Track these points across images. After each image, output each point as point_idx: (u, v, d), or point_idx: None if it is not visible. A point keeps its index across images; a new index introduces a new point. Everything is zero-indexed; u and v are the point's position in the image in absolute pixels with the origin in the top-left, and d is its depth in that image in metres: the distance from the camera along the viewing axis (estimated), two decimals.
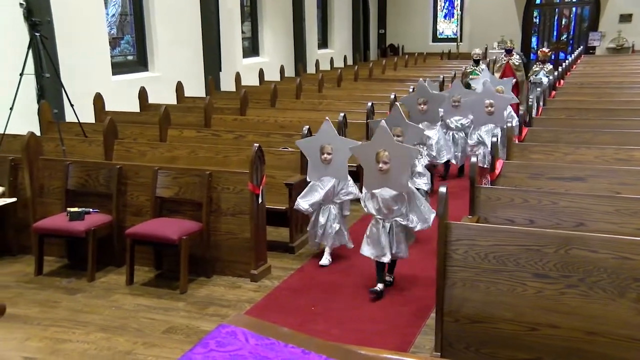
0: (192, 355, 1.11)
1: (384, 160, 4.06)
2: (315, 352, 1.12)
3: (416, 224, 4.25)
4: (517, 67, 10.87)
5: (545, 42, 19.93)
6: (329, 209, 4.88)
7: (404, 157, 4.11)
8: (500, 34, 19.54)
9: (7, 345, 3.75)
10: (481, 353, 3.17)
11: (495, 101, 6.77)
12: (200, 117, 7.45)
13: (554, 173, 4.41)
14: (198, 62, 11.04)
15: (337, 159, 4.77)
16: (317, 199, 4.81)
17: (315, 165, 4.86)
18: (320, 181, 4.84)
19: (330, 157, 4.77)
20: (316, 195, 4.82)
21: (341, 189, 4.88)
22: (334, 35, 18.58)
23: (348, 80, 11.78)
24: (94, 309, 4.27)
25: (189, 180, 4.79)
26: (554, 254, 3.00)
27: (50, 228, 4.78)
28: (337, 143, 4.78)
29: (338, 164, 4.80)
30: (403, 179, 4.10)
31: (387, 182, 4.14)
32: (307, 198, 4.85)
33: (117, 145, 5.90)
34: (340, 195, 4.89)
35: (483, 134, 6.86)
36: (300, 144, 4.97)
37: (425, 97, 6.53)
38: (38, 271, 4.87)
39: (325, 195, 4.81)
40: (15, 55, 6.34)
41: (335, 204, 4.90)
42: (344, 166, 4.82)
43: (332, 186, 4.82)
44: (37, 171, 5.24)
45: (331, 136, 4.81)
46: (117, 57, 9.69)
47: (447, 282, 3.22)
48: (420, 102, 6.50)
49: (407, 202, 4.21)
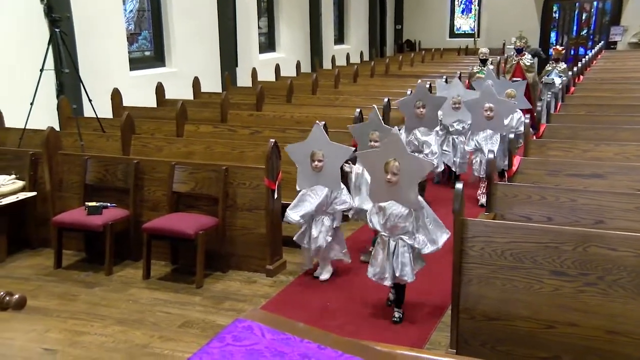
0: (209, 349, 1.11)
1: (393, 171, 3.64)
2: (331, 348, 1.12)
3: (423, 246, 3.77)
4: (529, 68, 10.11)
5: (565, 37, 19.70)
6: (322, 221, 4.46)
7: (415, 171, 3.67)
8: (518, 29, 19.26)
9: (28, 337, 3.81)
10: (497, 350, 3.16)
11: (496, 106, 6.07)
12: (217, 113, 7.48)
13: (573, 170, 4.36)
14: (215, 57, 11.07)
15: (329, 166, 4.34)
16: (308, 209, 4.39)
17: (306, 173, 4.44)
18: (312, 190, 4.43)
19: (321, 165, 4.33)
20: (307, 205, 4.40)
21: (335, 199, 4.45)
22: (351, 31, 18.53)
23: (364, 76, 11.75)
24: (112, 302, 4.31)
25: (206, 175, 4.82)
26: (572, 251, 2.97)
27: (69, 222, 4.84)
28: (329, 149, 4.35)
29: (330, 172, 4.36)
30: (411, 194, 3.66)
31: (395, 195, 3.72)
32: (297, 209, 4.43)
33: (135, 140, 5.94)
34: (333, 205, 4.46)
35: (481, 140, 6.22)
36: (289, 150, 4.53)
37: (424, 100, 5.95)
38: (57, 264, 4.93)
39: (318, 205, 4.40)
40: (36, 52, 6.41)
41: (328, 215, 4.48)
42: (336, 174, 4.40)
43: (324, 196, 4.40)
44: (57, 166, 5.31)
45: (322, 142, 4.37)
46: (135, 53, 9.76)
47: (463, 279, 3.20)
48: (419, 106, 5.92)
49: (415, 219, 3.77)
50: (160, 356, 3.57)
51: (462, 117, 6.65)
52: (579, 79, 10.31)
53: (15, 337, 3.78)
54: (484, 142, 6.15)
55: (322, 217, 4.46)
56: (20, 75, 6.65)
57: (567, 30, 20.10)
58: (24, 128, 5.86)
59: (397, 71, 13.02)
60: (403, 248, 3.77)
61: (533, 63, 10.28)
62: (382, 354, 1.14)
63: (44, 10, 7.06)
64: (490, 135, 6.16)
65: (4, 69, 6.87)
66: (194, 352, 1.13)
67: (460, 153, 6.79)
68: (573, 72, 9.91)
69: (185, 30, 10.24)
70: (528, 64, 10.14)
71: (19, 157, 5.33)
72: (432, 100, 6.04)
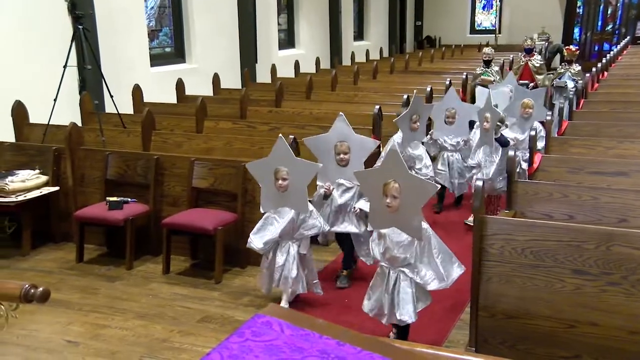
0: (229, 344, 1.12)
1: (392, 194, 3.17)
2: (350, 344, 1.12)
3: (429, 280, 3.31)
4: (538, 70, 9.39)
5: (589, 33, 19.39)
6: (288, 247, 3.93)
7: (417, 194, 3.17)
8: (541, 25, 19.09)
9: (52, 329, 3.87)
10: (517, 349, 3.13)
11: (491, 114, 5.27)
12: (236, 109, 7.50)
13: (596, 167, 4.30)
14: (234, 54, 11.12)
15: (295, 185, 3.81)
16: (273, 235, 3.89)
17: (270, 194, 3.92)
18: (277, 213, 3.93)
19: (285, 184, 3.80)
20: (272, 230, 3.90)
21: (302, 222, 3.91)
22: (370, 28, 18.46)
23: (384, 72, 11.70)
24: (132, 296, 4.36)
25: (225, 171, 4.84)
26: (595, 250, 2.93)
27: (91, 217, 4.90)
28: (294, 166, 3.81)
29: (296, 192, 3.83)
30: (414, 220, 3.20)
31: (396, 221, 3.25)
32: (260, 234, 3.93)
33: (155, 136, 5.99)
34: (301, 231, 3.92)
35: (481, 157, 5.48)
36: (250, 168, 4.05)
37: (419, 113, 5.42)
38: (79, 258, 5.00)
39: (282, 231, 3.88)
40: (59, 48, 6.49)
41: (295, 241, 3.95)
42: (303, 194, 3.85)
43: (290, 220, 3.87)
44: (79, 161, 5.37)
45: (287, 157, 3.82)
46: (156, 49, 9.84)
47: (483, 277, 3.17)
48: (415, 120, 5.38)
49: (419, 250, 3.30)
50: (179, 350, 3.61)
51: (457, 133, 5.88)
52: (603, 75, 10.14)
53: (39, 329, 3.85)
54: (484, 160, 5.42)
55: (288, 243, 3.94)
56: (44, 71, 6.75)
57: (591, 25, 19.77)
58: (47, 124, 5.94)
59: (417, 67, 12.95)
60: (404, 282, 3.33)
61: (543, 64, 9.54)
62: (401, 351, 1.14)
63: (67, 7, 7.15)
64: (490, 152, 5.38)
65: (29, 65, 6.97)
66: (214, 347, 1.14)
67: (457, 172, 5.97)
68: (597, 68, 9.71)
69: (205, 27, 10.29)
70: (537, 65, 9.44)
71: (43, 152, 5.41)
72: (425, 111, 5.59)
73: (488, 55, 9.17)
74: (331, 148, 4.16)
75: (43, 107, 5.98)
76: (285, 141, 3.85)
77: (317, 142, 4.24)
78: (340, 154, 4.12)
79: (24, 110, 6.20)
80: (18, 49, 6.93)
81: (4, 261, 5.00)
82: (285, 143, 3.84)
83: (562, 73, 8.96)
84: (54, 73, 6.14)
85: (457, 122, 5.87)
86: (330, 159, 4.18)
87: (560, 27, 19.47)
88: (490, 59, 9.16)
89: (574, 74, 8.79)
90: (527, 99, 5.74)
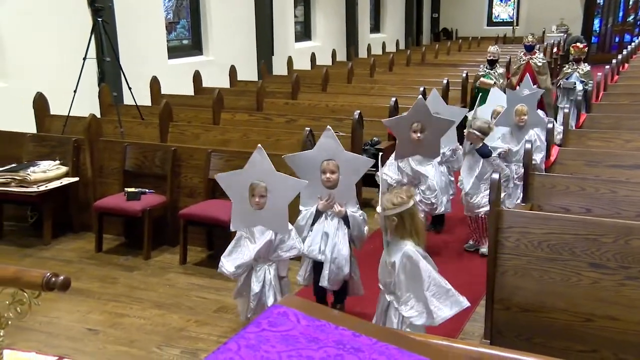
0: (246, 334, 1.13)
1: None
2: (366, 335, 1.12)
3: (414, 314, 2.96)
4: (540, 69, 8.15)
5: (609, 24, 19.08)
6: (264, 272, 3.39)
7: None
8: (559, 16, 18.86)
9: (72, 317, 3.93)
10: (533, 342, 3.11)
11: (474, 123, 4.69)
12: (253, 101, 7.52)
13: (614, 160, 4.24)
14: (251, 46, 11.13)
15: (275, 203, 3.25)
16: (247, 258, 3.34)
17: (243, 210, 3.31)
18: (250, 233, 3.37)
19: (263, 201, 3.24)
20: (245, 253, 3.35)
21: (280, 243, 3.38)
22: (387, 20, 18.35)
23: (400, 65, 11.64)
24: (150, 286, 4.40)
25: (241, 162, 4.79)
26: (613, 244, 2.89)
27: (109, 207, 4.94)
28: (274, 181, 3.24)
29: (275, 211, 3.26)
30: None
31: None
32: (233, 256, 3.38)
33: (172, 127, 6.02)
34: (278, 252, 3.39)
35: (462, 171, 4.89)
36: (220, 179, 3.43)
37: (423, 121, 4.40)
38: (98, 248, 5.05)
39: (258, 253, 3.34)
40: (79, 41, 6.54)
41: (272, 264, 3.41)
42: (283, 213, 3.27)
43: (267, 241, 3.32)
44: (98, 152, 5.42)
45: (265, 171, 3.25)
46: (173, 42, 9.89)
47: (498, 270, 3.15)
48: (416, 129, 4.40)
49: (403, 278, 2.93)
50: (196, 340, 3.64)
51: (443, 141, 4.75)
52: (624, 67, 9.99)
53: (60, 317, 3.91)
54: (465, 172, 4.82)
55: (264, 268, 3.39)
56: (64, 64, 6.81)
57: (612, 16, 19.44)
58: (67, 115, 6.00)
59: (434, 60, 12.86)
60: (391, 311, 3.08)
61: (545, 63, 8.38)
62: (415, 342, 1.13)
63: (87, 0, 7.21)
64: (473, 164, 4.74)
65: (50, 58, 7.05)
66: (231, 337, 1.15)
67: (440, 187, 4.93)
68: (617, 59, 9.55)
69: (222, 19, 10.31)
70: (540, 64, 8.20)
71: (63, 143, 5.46)
72: (435, 123, 4.43)
73: (493, 54, 7.94)
74: (317, 167, 3.51)
75: (63, 99, 6.04)
76: (264, 152, 3.26)
77: (299, 160, 3.57)
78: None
79: (45, 102, 6.27)
80: (39, 42, 7.01)
81: (26, 250, 5.07)
82: (264, 154, 3.25)
83: (569, 73, 7.89)
84: (73, 65, 6.19)
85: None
86: (315, 179, 3.51)
87: (580, 18, 19.20)
88: (496, 59, 7.96)
89: (583, 74, 7.75)
90: (520, 105, 5.03)
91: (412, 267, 2.89)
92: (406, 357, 1.09)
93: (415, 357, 1.09)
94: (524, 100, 5.10)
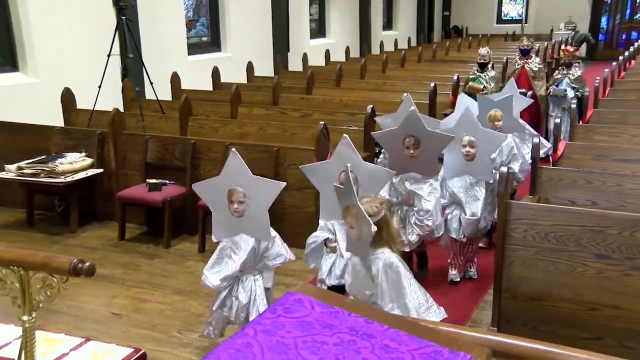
0: (262, 320, 1.13)
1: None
2: (378, 322, 1.12)
3: None
4: (536, 75, 7.21)
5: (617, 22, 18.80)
6: (251, 283, 3.11)
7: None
8: (567, 14, 18.61)
9: (97, 301, 3.98)
10: (539, 330, 3.09)
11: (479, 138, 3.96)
12: (269, 96, 7.52)
13: (620, 155, 4.19)
14: (268, 43, 11.12)
15: (254, 208, 2.97)
16: (232, 270, 3.06)
17: (224, 219, 3.05)
18: (234, 243, 3.09)
19: (242, 208, 2.96)
20: (230, 264, 3.07)
21: (265, 251, 3.11)
22: (399, 17, 18.25)
23: (411, 61, 11.56)
24: (170, 273, 4.44)
25: (258, 155, 4.86)
26: (618, 235, 2.86)
27: (132, 197, 4.98)
28: (252, 186, 2.98)
29: (255, 216, 2.98)
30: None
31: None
32: (216, 269, 3.11)
33: (192, 121, 6.04)
34: (264, 261, 3.12)
35: (458, 190, 4.07)
36: (198, 189, 3.15)
37: (417, 136, 3.65)
38: (121, 236, 5.10)
39: (244, 264, 3.05)
40: (104, 38, 6.58)
41: (258, 274, 3.14)
42: (263, 219, 2.99)
43: (251, 249, 3.05)
44: (121, 145, 5.46)
45: (242, 176, 2.98)
46: (193, 39, 9.90)
47: (506, 260, 3.14)
48: (410, 145, 3.66)
49: (386, 287, 2.67)
50: None
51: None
52: (630, 63, 9.85)
53: (86, 301, 3.96)
54: (464, 193, 4.06)
55: (250, 278, 3.12)
56: (90, 60, 6.86)
57: (619, 13, 19.15)
58: (92, 109, 6.04)
59: (444, 57, 12.76)
60: None
61: (542, 68, 7.43)
62: (425, 329, 1.13)
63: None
64: (472, 185, 4.06)
65: (76, 55, 7.12)
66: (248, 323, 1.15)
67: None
68: (624, 56, 9.42)
69: (240, 17, 10.31)
70: (536, 69, 7.23)
71: (88, 136, 5.51)
72: (431, 138, 3.66)
73: (483, 57, 6.89)
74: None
75: (89, 94, 6.09)
76: (239, 157, 2.99)
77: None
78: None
79: (72, 96, 6.32)
80: (67, 40, 7.08)
81: (55, 237, 5.14)
82: (239, 159, 2.98)
83: (560, 79, 6.96)
84: (98, 62, 6.23)
85: None
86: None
87: (588, 15, 18.94)
88: (487, 62, 6.92)
89: (574, 80, 6.83)
90: (494, 111, 4.46)
91: (394, 275, 2.67)
92: (417, 343, 1.09)
93: (425, 344, 1.09)
94: (497, 105, 4.47)
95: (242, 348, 1.06)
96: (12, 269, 1.57)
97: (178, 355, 3.36)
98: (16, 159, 5.29)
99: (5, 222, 5.52)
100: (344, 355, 1.05)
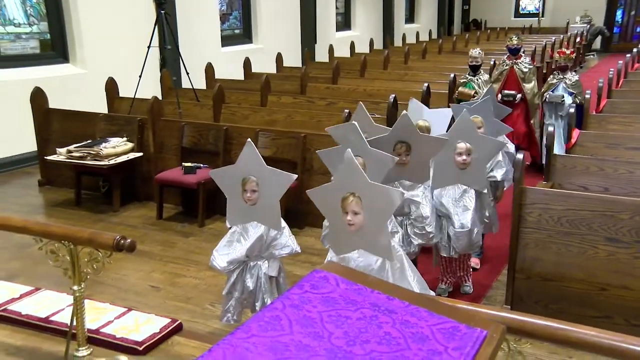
0: (290, 295, 1.14)
1: (353, 210, 2.39)
2: (399, 299, 1.12)
3: None
4: (526, 77, 6.06)
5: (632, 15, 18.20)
6: (258, 269, 3.04)
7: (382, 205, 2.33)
8: (583, 8, 18.08)
9: (137, 275, 4.05)
10: (550, 308, 3.06)
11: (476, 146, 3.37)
12: (297, 85, 7.50)
13: (633, 143, 4.09)
14: (296, 35, 11.07)
15: (266, 197, 2.91)
16: (239, 254, 2.99)
17: (238, 206, 2.97)
18: (244, 229, 3.02)
19: (255, 196, 2.89)
20: (238, 248, 3.00)
21: (273, 240, 3.03)
22: (421, 11, 17.97)
23: (432, 53, 11.40)
24: (204, 250, 4.48)
25: (286, 141, 4.86)
26: (629, 220, 2.80)
27: (169, 179, 5.04)
28: (264, 176, 2.89)
29: (267, 206, 2.92)
30: (382, 237, 2.40)
31: (360, 241, 2.46)
32: (225, 251, 3.03)
33: (224, 109, 6.07)
34: (271, 250, 3.04)
35: (447, 200, 3.46)
36: (214, 175, 3.05)
37: (408, 141, 3.23)
38: (159, 216, 5.16)
39: (250, 249, 2.98)
40: (144, 31, 6.64)
41: (265, 261, 3.06)
42: (274, 208, 2.94)
43: (258, 237, 2.97)
44: (159, 130, 5.51)
45: (256, 166, 2.89)
46: (226, 31, 9.91)
47: (520, 243, 3.10)
48: (401, 152, 3.22)
49: (391, 274, 2.52)
50: None
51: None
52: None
53: (128, 275, 4.04)
54: (452, 206, 3.45)
55: (259, 264, 3.05)
56: (132, 51, 6.93)
57: (635, 7, 18.54)
58: (133, 97, 6.11)
59: (464, 49, 12.51)
60: None
61: (533, 69, 6.24)
62: (444, 306, 1.13)
63: None
64: (461, 194, 3.46)
65: (120, 46, 7.20)
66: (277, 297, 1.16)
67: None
68: (638, 48, 9.12)
69: (270, 11, 10.28)
70: (526, 70, 6.08)
71: (129, 122, 5.57)
72: (423, 143, 3.24)
73: (475, 59, 5.88)
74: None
75: (130, 83, 6.16)
76: (254, 147, 2.91)
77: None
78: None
79: (115, 85, 6.41)
80: (111, 33, 7.16)
81: (99, 215, 5.24)
82: (254, 149, 2.90)
83: (555, 84, 5.93)
84: (139, 53, 6.29)
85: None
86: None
87: (603, 9, 18.38)
88: (479, 64, 5.90)
89: (571, 85, 5.83)
90: (473, 117, 3.69)
91: (398, 260, 2.54)
92: (435, 319, 1.08)
93: (443, 319, 1.08)
94: (473, 111, 3.81)
95: (272, 320, 1.07)
96: (64, 243, 1.61)
97: (211, 326, 3.41)
98: (66, 143, 5.39)
99: (56, 200, 5.65)
100: (367, 329, 1.05)
